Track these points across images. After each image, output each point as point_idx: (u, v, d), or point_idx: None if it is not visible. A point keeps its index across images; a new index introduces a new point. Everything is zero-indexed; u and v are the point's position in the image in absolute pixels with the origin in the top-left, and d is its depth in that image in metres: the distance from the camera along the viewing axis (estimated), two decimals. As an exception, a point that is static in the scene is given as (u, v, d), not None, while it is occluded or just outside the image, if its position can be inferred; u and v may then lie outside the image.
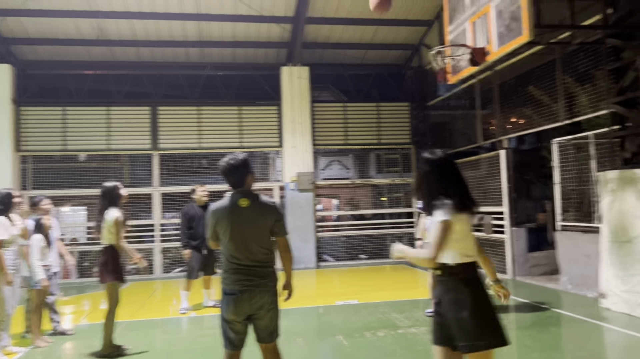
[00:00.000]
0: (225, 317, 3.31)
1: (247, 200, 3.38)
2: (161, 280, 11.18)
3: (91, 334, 6.19)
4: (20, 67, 11.50)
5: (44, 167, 11.55)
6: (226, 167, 3.42)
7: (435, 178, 2.95)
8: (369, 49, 12.78)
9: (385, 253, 12.79)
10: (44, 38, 11.29)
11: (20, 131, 11.31)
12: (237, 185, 3.45)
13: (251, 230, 3.34)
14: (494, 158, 9.76)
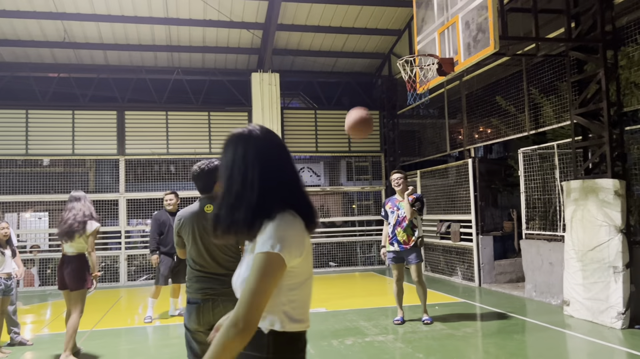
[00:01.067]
0: (188, 326, 3.22)
1: (212, 205, 3.31)
2: (126, 288, 10.91)
3: (51, 344, 5.99)
4: (-20, 68, 11.14)
5: (6, 171, 11.18)
6: (196, 172, 3.38)
7: (256, 164, 1.75)
8: (339, 56, 12.84)
9: (354, 261, 12.82)
10: (6, 39, 10.96)
11: (-21, 134, 10.93)
12: (205, 190, 3.39)
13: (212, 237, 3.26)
14: (462, 166, 9.89)
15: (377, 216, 13.05)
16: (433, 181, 11.04)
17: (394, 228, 6.45)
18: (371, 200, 13.28)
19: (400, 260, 6.45)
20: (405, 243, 6.35)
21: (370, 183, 13.24)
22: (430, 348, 5.33)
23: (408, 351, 5.30)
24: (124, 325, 7.17)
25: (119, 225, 11.46)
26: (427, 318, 6.45)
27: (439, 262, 10.77)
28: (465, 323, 6.44)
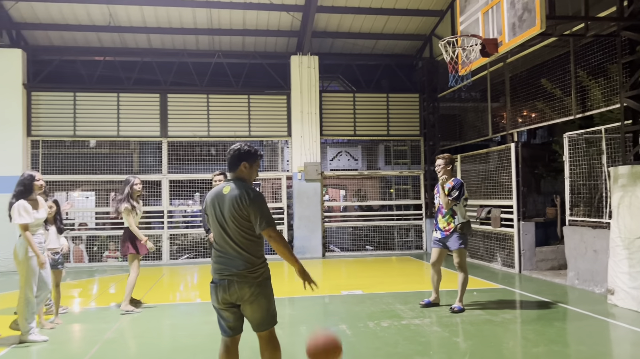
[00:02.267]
0: (213, 304, 3.37)
1: (229, 187, 3.33)
2: (168, 266, 11.26)
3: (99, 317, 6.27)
4: (31, 52, 11.55)
5: (55, 152, 11.63)
6: (229, 151, 3.46)
7: None
8: (379, 38, 12.68)
9: (391, 245, 12.79)
10: (55, 23, 11.33)
11: (31, 116, 11.38)
12: (230, 170, 3.45)
13: (229, 217, 3.25)
14: (504, 151, 9.67)
15: (416, 201, 12.95)
16: (473, 166, 10.85)
17: (437, 214, 6.40)
18: (409, 185, 13.18)
19: (442, 245, 6.39)
20: (445, 230, 6.29)
21: (408, 167, 13.13)
22: (468, 333, 5.29)
23: (444, 335, 5.28)
24: (166, 301, 7.41)
25: (161, 205, 11.77)
26: (456, 306, 6.22)
27: (478, 248, 10.63)
28: (504, 309, 6.36)
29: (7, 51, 11.04)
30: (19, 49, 11.17)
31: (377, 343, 4.96)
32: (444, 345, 4.95)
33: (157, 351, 4.96)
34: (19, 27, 11.28)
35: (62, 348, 5.01)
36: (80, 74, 11.77)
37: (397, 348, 4.79)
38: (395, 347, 4.83)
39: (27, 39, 11.68)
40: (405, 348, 4.80)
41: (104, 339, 5.27)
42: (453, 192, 6.20)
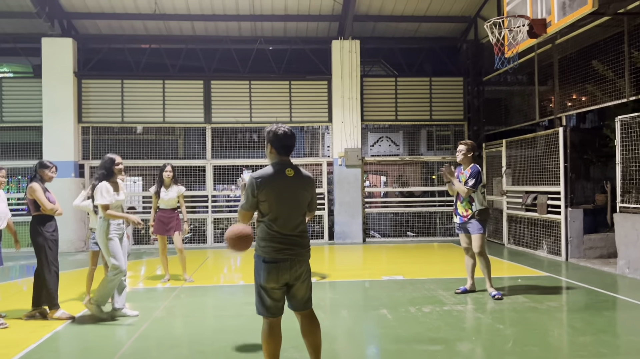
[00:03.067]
0: (263, 285, 3.35)
1: (292, 170, 3.42)
2: (212, 249, 11.53)
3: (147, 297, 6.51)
4: (81, 40, 11.94)
5: (104, 138, 12.04)
6: (287, 133, 3.47)
7: None
8: (422, 21, 12.45)
9: (433, 231, 12.67)
10: (104, 12, 11.65)
11: (82, 103, 11.80)
12: (289, 151, 3.49)
13: (295, 200, 3.39)
14: (551, 136, 9.38)
15: (458, 187, 12.74)
16: (519, 151, 10.57)
17: (456, 199, 6.30)
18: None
19: (464, 230, 6.31)
20: (464, 216, 6.21)
21: (451, 152, 12.91)
22: (512, 320, 5.22)
23: (487, 321, 5.22)
24: (210, 283, 7.61)
25: (206, 190, 12.04)
26: (496, 293, 6.11)
27: (523, 235, 10.40)
28: (550, 296, 6.22)
29: (59, 40, 11.45)
30: (70, 38, 11.56)
31: (418, 328, 4.96)
32: (487, 331, 4.90)
33: (203, 330, 5.12)
34: (69, 16, 11.66)
35: (113, 325, 5.23)
36: (128, 62, 12.09)
37: (439, 333, 4.77)
38: (437, 332, 4.81)
39: (77, 28, 12.07)
40: (448, 333, 4.78)
41: (152, 318, 5.47)
42: (470, 180, 6.07)
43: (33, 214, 5.43)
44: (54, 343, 4.73)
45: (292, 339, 4.29)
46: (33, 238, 5.41)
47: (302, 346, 4.06)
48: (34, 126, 11.73)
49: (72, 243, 11.15)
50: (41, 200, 5.32)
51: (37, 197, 5.33)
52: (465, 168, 6.24)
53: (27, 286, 7.43)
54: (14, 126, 11.87)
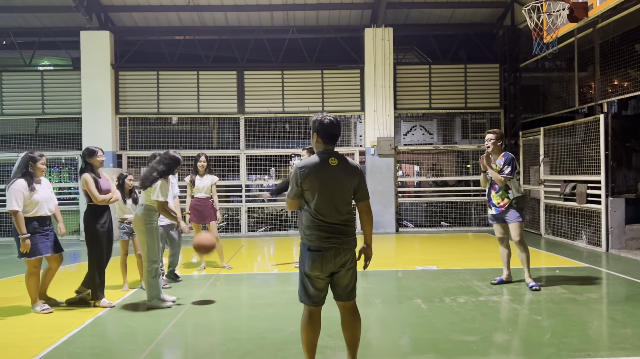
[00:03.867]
0: (308, 273, 3.37)
1: (336, 159, 3.42)
2: (246, 238, 11.68)
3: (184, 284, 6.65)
4: (118, 33, 12.18)
5: (140, 128, 12.29)
6: (333, 122, 3.47)
7: None
8: (457, 7, 12.19)
9: (468, 221, 12.50)
10: (139, 5, 11.85)
11: (119, 94, 12.06)
12: (334, 139, 3.50)
13: (339, 189, 3.38)
14: (591, 123, 9.10)
15: (494, 176, 12.51)
16: (557, 139, 10.30)
17: (489, 190, 6.17)
18: (488, 159, 12.70)
19: (500, 220, 6.19)
20: (500, 206, 6.07)
21: (487, 141, 12.66)
22: (549, 311, 5.12)
23: (524, 312, 5.14)
24: (245, 271, 7.72)
25: (239, 179, 12.17)
26: (533, 284, 6.01)
27: (562, 225, 10.16)
28: (589, 288, 6.07)
29: (97, 33, 11.71)
30: (107, 31, 11.81)
31: (453, 318, 4.92)
32: (524, 322, 4.83)
33: (238, 317, 5.20)
34: (107, 9, 11.90)
35: (152, 312, 5.37)
36: (163, 53, 12.28)
37: (475, 324, 4.73)
38: (473, 323, 4.76)
39: (114, 21, 12.31)
40: (483, 323, 4.73)
41: (189, 305, 5.59)
42: (505, 168, 5.94)
43: (87, 204, 5.58)
44: (96, 328, 4.89)
45: (328, 328, 4.32)
46: (85, 227, 5.58)
47: (337, 334, 4.09)
48: (74, 117, 12.07)
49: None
50: (92, 192, 5.45)
51: (89, 189, 5.46)
52: (497, 157, 6.11)
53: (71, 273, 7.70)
54: (54, 118, 12.24)
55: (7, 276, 7.36)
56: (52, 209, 5.47)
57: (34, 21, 12.25)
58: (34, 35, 12.40)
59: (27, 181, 5.20)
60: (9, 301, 5.87)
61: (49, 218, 5.43)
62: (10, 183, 5.19)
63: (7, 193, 5.14)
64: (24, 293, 5.50)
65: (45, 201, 5.37)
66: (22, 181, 5.18)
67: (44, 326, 4.90)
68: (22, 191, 5.13)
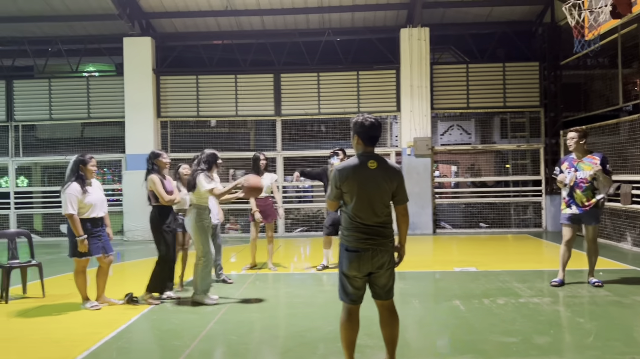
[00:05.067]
0: (346, 273, 3.44)
1: (375, 162, 3.45)
2: (284, 238, 11.82)
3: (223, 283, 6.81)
4: (158, 39, 12.54)
5: (181, 131, 12.62)
6: (373, 121, 3.50)
7: None
8: (494, 5, 12.01)
9: (507, 223, 12.30)
10: (179, 11, 12.16)
11: (160, 98, 12.41)
12: (375, 141, 3.54)
13: (377, 191, 3.41)
14: (637, 121, 8.83)
15: (535, 176, 12.30)
16: (601, 138, 10.03)
17: (572, 190, 6.06)
18: (528, 159, 12.50)
19: (576, 222, 6.09)
20: (584, 206, 5.97)
21: (527, 141, 12.46)
22: (593, 314, 5.02)
23: (567, 314, 5.06)
24: (282, 271, 7.83)
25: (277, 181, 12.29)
26: (597, 281, 6.13)
27: (605, 226, 9.88)
28: (635, 290, 5.91)
29: (139, 39, 12.09)
30: (148, 37, 12.17)
31: (492, 320, 4.89)
32: (566, 325, 4.76)
33: (277, 316, 5.31)
34: (148, 16, 12.28)
35: (195, 309, 5.53)
36: (202, 58, 12.57)
37: (515, 326, 4.68)
38: (513, 324, 4.72)
39: (155, 27, 12.68)
40: (523, 325, 4.68)
41: (231, 303, 5.73)
42: (609, 167, 5.91)
43: (153, 204, 5.80)
44: (142, 324, 5.08)
45: (366, 327, 4.36)
46: (152, 228, 5.79)
47: (375, 334, 4.13)
48: (117, 121, 12.49)
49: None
50: (160, 193, 5.67)
51: (157, 190, 5.67)
52: (581, 156, 6.04)
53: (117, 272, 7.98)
54: (99, 121, 12.70)
55: (57, 274, 7.68)
56: (105, 210, 5.70)
57: (79, 29, 12.74)
58: (79, 43, 12.90)
59: (80, 184, 5.43)
60: (59, 298, 6.14)
61: (101, 219, 5.64)
62: (65, 187, 5.42)
63: (62, 197, 5.38)
64: (74, 291, 5.74)
65: (99, 203, 5.60)
66: (75, 184, 5.40)
67: (94, 322, 5.12)
68: (76, 195, 5.36)
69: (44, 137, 12.94)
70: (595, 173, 5.85)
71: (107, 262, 5.71)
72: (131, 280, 7.50)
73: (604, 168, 5.84)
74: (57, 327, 4.99)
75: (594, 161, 5.90)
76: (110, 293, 5.87)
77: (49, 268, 7.93)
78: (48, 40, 12.86)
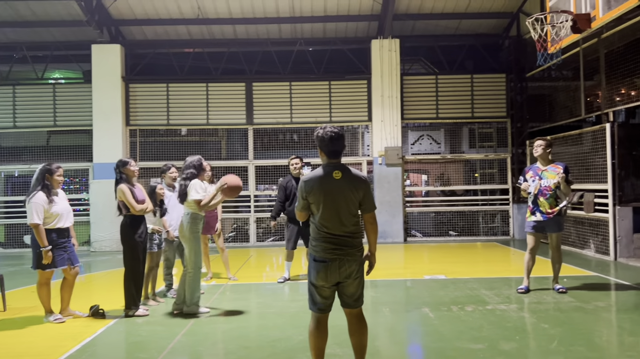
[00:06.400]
0: (314, 282, 3.47)
1: (340, 172, 3.48)
2: (255, 248, 11.76)
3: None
4: (128, 46, 12.39)
5: (150, 140, 12.45)
6: (333, 135, 3.50)
7: None
8: (463, 18, 12.31)
9: (476, 231, 12.51)
10: (149, 18, 12.06)
11: (129, 107, 12.24)
12: (337, 154, 3.55)
13: (343, 201, 3.44)
14: (598, 132, 9.13)
15: (502, 185, 12.56)
16: (564, 148, 10.32)
17: (536, 197, 6.22)
18: (495, 169, 12.78)
19: (540, 230, 6.26)
20: (548, 213, 6.13)
21: (494, 150, 12.73)
22: (557, 320, 5.14)
23: (532, 321, 5.16)
24: (254, 281, 7.79)
25: (248, 189, 12.27)
26: (561, 287, 6.32)
27: (570, 234, 10.15)
28: (597, 296, 6.09)
29: (108, 47, 11.92)
30: (117, 44, 12.01)
31: (460, 327, 4.96)
32: (531, 331, 4.86)
33: (247, 326, 5.27)
34: (117, 23, 12.13)
35: (163, 321, 5.45)
36: (172, 66, 12.47)
37: (482, 332, 4.76)
38: (480, 331, 4.80)
39: (124, 35, 12.54)
40: (490, 332, 4.76)
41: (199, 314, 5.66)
42: (569, 176, 6.10)
43: (124, 214, 5.64)
44: (108, 336, 4.97)
45: (336, 336, 4.38)
46: (123, 238, 5.64)
47: (344, 342, 4.15)
48: (85, 129, 12.26)
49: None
50: (130, 203, 5.53)
51: (127, 200, 5.52)
52: (545, 165, 6.23)
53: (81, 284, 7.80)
54: (66, 130, 12.44)
55: (19, 286, 7.46)
56: (71, 221, 5.58)
57: (46, 35, 12.50)
58: (46, 49, 12.65)
59: (46, 193, 5.30)
60: (22, 311, 5.97)
61: (67, 229, 5.51)
62: (30, 196, 5.28)
63: (28, 207, 5.24)
64: (37, 303, 5.59)
65: (65, 213, 5.47)
66: (41, 194, 5.27)
67: (57, 335, 4.99)
68: (42, 204, 5.23)
69: (8, 146, 12.60)
70: (558, 181, 6.04)
71: (73, 274, 5.57)
72: (97, 292, 7.36)
73: (566, 177, 6.04)
74: (19, 341, 4.85)
75: (558, 170, 6.10)
76: (75, 306, 5.74)
77: (11, 280, 7.72)
78: (12, 46, 12.58)
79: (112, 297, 6.31)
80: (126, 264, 5.63)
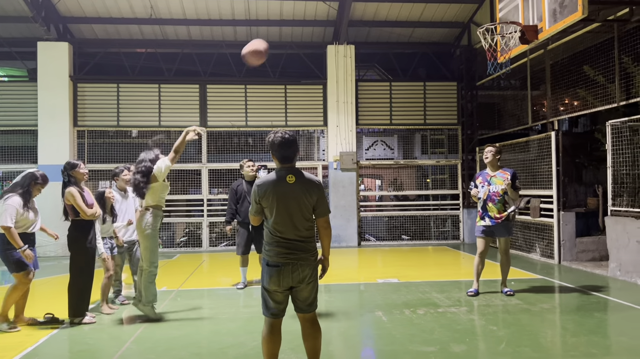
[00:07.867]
0: (266, 287, 3.45)
1: (294, 176, 3.47)
2: (208, 253, 11.56)
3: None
4: (77, 45, 11.97)
5: (99, 142, 12.06)
6: (282, 141, 3.49)
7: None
8: (416, 27, 12.57)
9: (427, 235, 12.75)
10: (100, 17, 11.70)
11: (77, 107, 11.82)
12: (289, 159, 3.53)
13: (296, 205, 3.43)
14: (544, 140, 9.50)
15: (453, 191, 12.86)
16: (513, 155, 10.69)
17: (485, 203, 6.40)
18: (446, 174, 13.08)
19: (489, 234, 6.43)
20: (496, 218, 6.31)
21: (445, 156, 13.03)
22: (505, 321, 5.30)
23: (481, 323, 5.30)
24: (206, 286, 7.65)
25: (201, 193, 12.07)
26: (509, 290, 6.52)
27: (517, 238, 10.50)
28: (542, 299, 6.31)
29: (55, 44, 11.47)
30: (65, 42, 11.58)
31: (413, 330, 5.03)
32: (481, 333, 4.98)
33: (199, 332, 5.16)
34: (65, 21, 11.70)
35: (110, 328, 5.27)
36: (123, 66, 12.13)
37: (433, 335, 4.84)
38: (431, 334, 4.88)
39: (73, 33, 12.11)
40: (442, 335, 4.85)
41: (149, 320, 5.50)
42: (517, 182, 6.32)
43: (72, 219, 5.42)
44: (50, 346, 4.76)
45: (290, 341, 4.35)
46: (71, 245, 5.40)
47: (299, 348, 4.13)
48: (29, 130, 11.74)
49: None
50: (81, 207, 5.32)
51: (77, 204, 5.31)
52: (495, 170, 6.44)
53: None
54: (8, 129, 11.87)
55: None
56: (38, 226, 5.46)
57: (-12, 31, 11.93)
58: (-12, 45, 12.07)
59: (24, 199, 5.19)
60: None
61: (33, 234, 5.40)
62: (5, 197, 5.13)
63: (1, 208, 5.07)
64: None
65: (39, 219, 5.42)
66: (18, 198, 5.16)
67: (-4, 345, 4.74)
68: (16, 208, 5.11)
69: (-55, 145, 11.91)
70: (505, 187, 6.25)
71: (30, 278, 5.35)
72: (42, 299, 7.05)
73: (513, 183, 6.25)
74: (-47, 352, 4.57)
75: (505, 176, 6.32)
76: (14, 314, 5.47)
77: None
78: (-49, 41, 11.93)
79: (58, 304, 6.05)
80: (73, 271, 5.41)
